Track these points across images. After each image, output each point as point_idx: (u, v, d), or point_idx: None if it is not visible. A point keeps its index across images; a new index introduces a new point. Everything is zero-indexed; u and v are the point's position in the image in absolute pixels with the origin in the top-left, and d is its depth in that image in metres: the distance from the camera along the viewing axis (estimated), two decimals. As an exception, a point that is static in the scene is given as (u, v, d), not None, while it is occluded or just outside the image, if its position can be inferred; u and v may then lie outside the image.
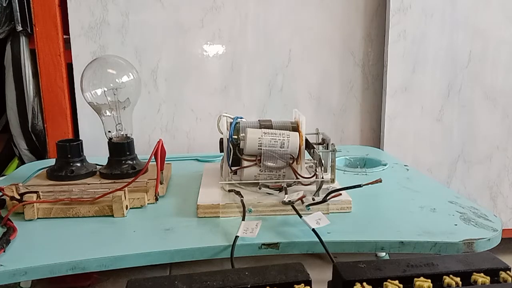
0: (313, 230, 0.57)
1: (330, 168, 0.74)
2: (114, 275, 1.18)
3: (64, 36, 1.09)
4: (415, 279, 0.38)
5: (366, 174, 0.88)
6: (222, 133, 0.74)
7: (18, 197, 0.66)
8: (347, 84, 1.19)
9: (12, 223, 0.62)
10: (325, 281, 0.42)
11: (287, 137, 0.72)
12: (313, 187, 0.70)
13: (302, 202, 0.65)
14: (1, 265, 0.52)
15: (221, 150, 0.75)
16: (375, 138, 1.21)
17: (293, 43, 1.15)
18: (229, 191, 0.71)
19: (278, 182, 0.72)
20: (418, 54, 1.12)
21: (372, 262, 0.40)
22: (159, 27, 1.11)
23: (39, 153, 1.17)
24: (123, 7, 1.09)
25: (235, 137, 0.73)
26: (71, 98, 1.11)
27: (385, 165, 0.92)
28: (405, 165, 0.94)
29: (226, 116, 0.74)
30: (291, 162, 0.71)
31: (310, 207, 0.65)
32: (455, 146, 1.18)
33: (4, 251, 0.55)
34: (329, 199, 0.65)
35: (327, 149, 0.75)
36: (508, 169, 1.19)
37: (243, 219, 0.62)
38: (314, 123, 1.13)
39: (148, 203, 0.72)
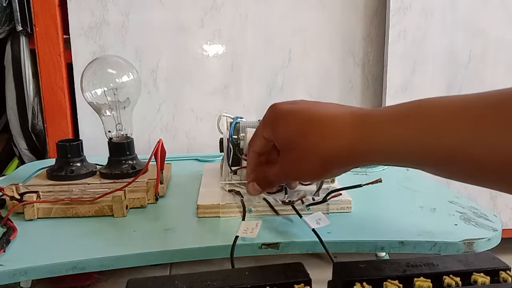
0: (313, 230, 0.57)
1: (330, 168, 0.74)
2: (114, 275, 1.18)
3: (64, 36, 1.09)
4: (415, 279, 0.38)
5: (366, 174, 0.88)
6: (222, 133, 0.74)
7: (18, 197, 0.66)
8: (347, 84, 1.19)
9: (12, 223, 0.62)
10: (325, 281, 0.42)
11: (287, 137, 0.71)
12: (313, 187, 0.70)
13: (302, 202, 0.65)
14: (1, 265, 0.52)
15: (221, 150, 0.75)
16: (375, 138, 1.21)
17: (293, 43, 1.15)
18: (229, 191, 0.71)
19: (278, 182, 0.72)
20: (418, 54, 1.12)
21: (372, 262, 0.40)
22: (159, 27, 1.11)
23: (39, 153, 1.17)
24: (123, 7, 1.09)
25: (235, 137, 0.73)
26: (71, 98, 1.11)
27: (385, 165, 0.92)
28: (405, 165, 0.93)
29: (226, 116, 0.74)
30: (291, 162, 0.71)
31: (310, 207, 0.65)
32: (455, 146, 1.17)
33: (4, 251, 0.55)
34: (329, 199, 0.65)
35: (327, 149, 0.75)
36: (508, 169, 1.19)
37: (243, 219, 0.62)
38: (314, 123, 1.13)
39: (148, 203, 0.72)
